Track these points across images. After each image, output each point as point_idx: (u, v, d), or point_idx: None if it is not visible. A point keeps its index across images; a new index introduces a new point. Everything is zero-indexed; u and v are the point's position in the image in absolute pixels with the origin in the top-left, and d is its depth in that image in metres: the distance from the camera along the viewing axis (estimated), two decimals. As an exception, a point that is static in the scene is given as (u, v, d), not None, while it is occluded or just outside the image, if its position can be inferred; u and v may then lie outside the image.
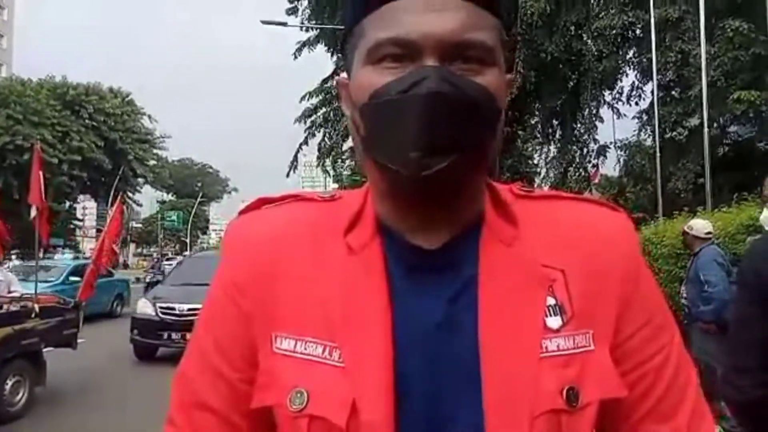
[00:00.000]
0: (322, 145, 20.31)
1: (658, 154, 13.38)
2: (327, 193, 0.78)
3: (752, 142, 14.42)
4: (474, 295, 0.66)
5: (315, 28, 19.21)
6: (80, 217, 48.46)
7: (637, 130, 16.99)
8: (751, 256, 1.56)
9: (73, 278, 13.11)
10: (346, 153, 19.70)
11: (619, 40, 15.87)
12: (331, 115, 19.49)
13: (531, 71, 15.21)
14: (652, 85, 14.79)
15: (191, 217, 54.37)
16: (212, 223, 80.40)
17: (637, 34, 16.07)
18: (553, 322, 0.66)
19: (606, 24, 15.16)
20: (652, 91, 14.74)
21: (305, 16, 19.70)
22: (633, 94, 17.35)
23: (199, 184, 69.56)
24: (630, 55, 16.99)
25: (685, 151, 14.20)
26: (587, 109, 17.19)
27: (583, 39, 15.95)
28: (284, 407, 0.66)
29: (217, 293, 0.74)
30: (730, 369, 1.42)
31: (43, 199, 6.92)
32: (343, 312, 0.66)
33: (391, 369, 0.64)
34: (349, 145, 17.86)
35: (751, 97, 12.39)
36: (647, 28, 14.04)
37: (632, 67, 17.15)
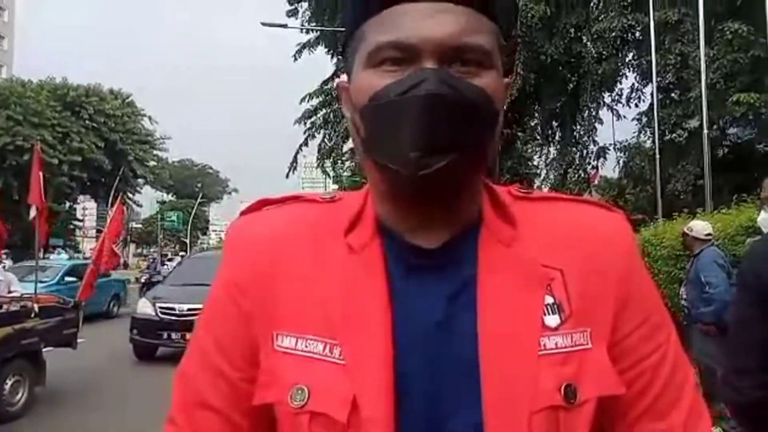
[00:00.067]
0: (322, 147, 20.33)
1: (658, 156, 13.38)
2: (327, 195, 0.79)
3: (752, 144, 14.42)
4: (473, 294, 0.67)
5: (315, 30, 19.23)
6: (80, 218, 48.39)
7: (637, 132, 16.99)
8: (750, 258, 1.56)
9: (69, 278, 13.08)
10: (346, 154, 19.71)
11: (618, 43, 15.87)
12: (331, 116, 19.50)
13: (531, 73, 15.23)
14: (651, 88, 14.78)
15: (191, 218, 54.27)
16: (212, 224, 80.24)
17: (636, 37, 16.08)
18: (552, 320, 0.67)
19: (605, 27, 15.18)
20: (652, 94, 14.75)
21: (305, 18, 19.75)
22: (632, 96, 17.40)
23: (199, 185, 69.42)
24: (629, 58, 17.02)
25: (685, 153, 14.20)
26: (587, 111, 17.20)
27: (583, 41, 15.97)
28: (285, 404, 0.66)
29: (218, 293, 0.75)
30: (729, 370, 1.42)
31: (43, 200, 6.93)
32: (344, 311, 0.67)
33: (391, 366, 0.64)
34: (349, 146, 17.88)
35: (751, 100, 12.38)
36: (647, 31, 14.05)
37: (632, 70, 17.20)
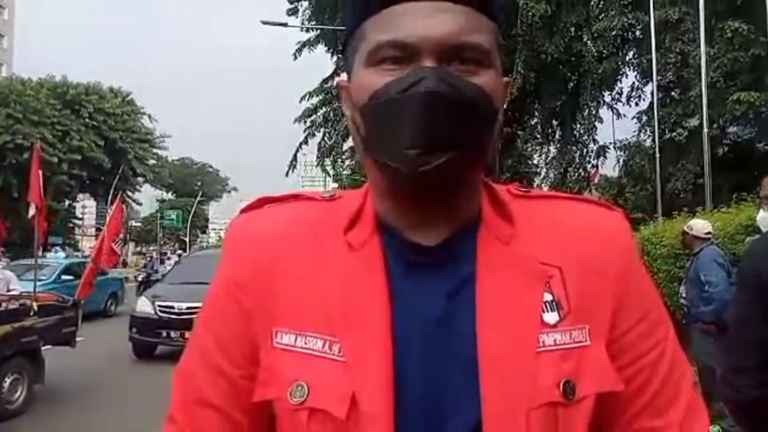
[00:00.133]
0: (322, 145, 20.32)
1: (658, 155, 13.38)
2: (327, 193, 0.79)
3: (752, 143, 14.43)
4: (472, 291, 0.67)
5: (315, 29, 19.22)
6: (80, 216, 48.36)
7: (637, 131, 16.97)
8: (750, 257, 1.56)
9: (66, 277, 13.08)
10: (346, 153, 19.70)
11: (618, 42, 15.88)
12: (331, 115, 19.49)
13: (531, 72, 15.23)
14: (651, 86, 14.79)
15: (191, 216, 54.26)
16: (212, 222, 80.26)
17: (636, 36, 16.08)
18: (550, 317, 0.67)
19: (606, 25, 15.18)
20: (652, 92, 14.74)
21: (305, 17, 19.73)
22: (633, 95, 17.36)
23: (199, 184, 69.41)
24: (630, 57, 17.01)
25: (685, 152, 14.19)
26: (587, 110, 17.18)
27: (583, 40, 15.95)
28: (285, 400, 0.66)
29: (218, 291, 0.75)
30: (728, 369, 1.42)
31: (43, 198, 6.94)
32: (343, 308, 0.67)
33: (391, 363, 0.64)
34: (349, 145, 17.87)
35: (751, 98, 12.38)
36: (647, 30, 14.04)
37: (632, 68, 17.16)
